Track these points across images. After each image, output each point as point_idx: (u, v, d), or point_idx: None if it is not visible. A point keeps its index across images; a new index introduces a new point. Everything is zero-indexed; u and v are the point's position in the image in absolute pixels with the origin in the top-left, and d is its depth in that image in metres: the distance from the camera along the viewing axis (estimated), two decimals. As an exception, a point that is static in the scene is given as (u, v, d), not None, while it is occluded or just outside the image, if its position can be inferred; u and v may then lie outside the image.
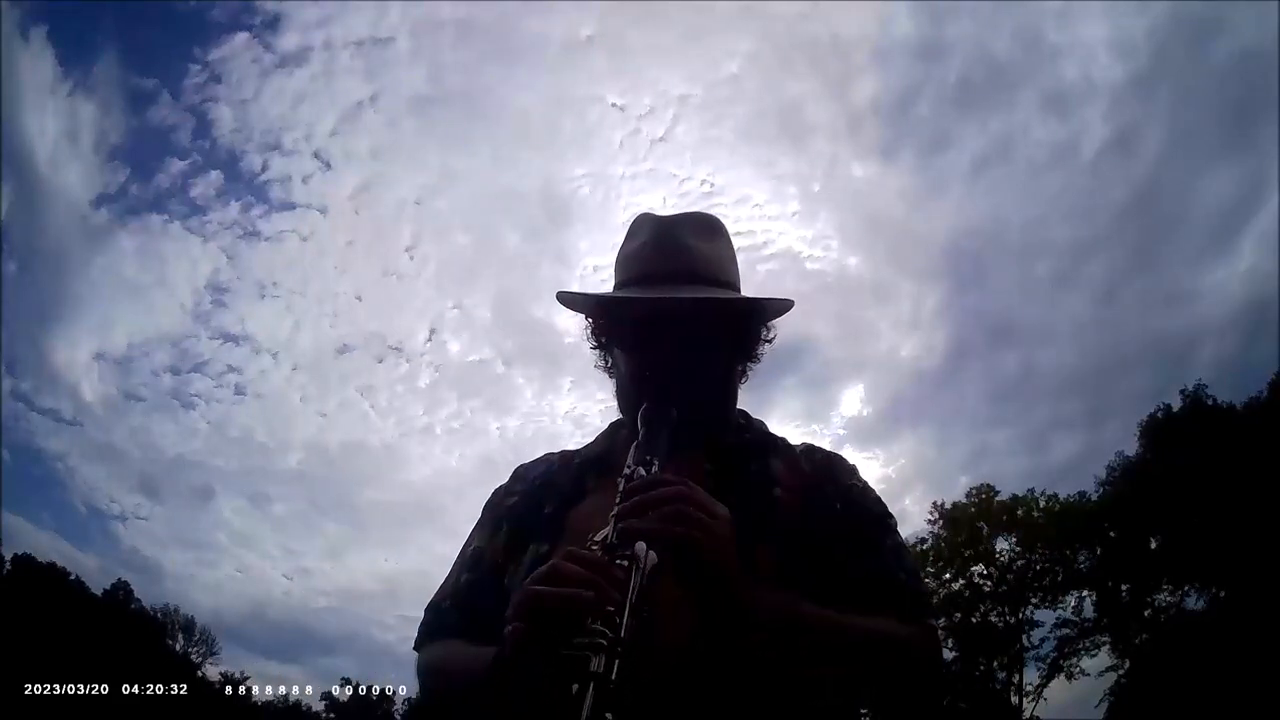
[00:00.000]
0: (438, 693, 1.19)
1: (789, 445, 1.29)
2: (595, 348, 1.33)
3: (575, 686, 0.76)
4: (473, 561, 1.25)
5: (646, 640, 0.83)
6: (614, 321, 1.26)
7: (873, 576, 1.13)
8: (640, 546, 0.89)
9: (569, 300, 1.29)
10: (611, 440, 1.30)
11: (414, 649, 1.24)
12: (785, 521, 1.11)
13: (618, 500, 0.96)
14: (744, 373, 1.30)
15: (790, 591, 1.02)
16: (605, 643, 0.78)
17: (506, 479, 1.35)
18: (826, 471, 1.24)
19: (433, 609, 1.26)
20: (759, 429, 1.31)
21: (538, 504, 1.23)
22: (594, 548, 0.92)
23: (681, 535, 0.89)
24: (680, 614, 0.93)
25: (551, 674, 0.79)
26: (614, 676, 0.76)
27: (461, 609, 1.21)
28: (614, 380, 1.30)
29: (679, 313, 1.16)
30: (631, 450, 1.07)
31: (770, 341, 1.29)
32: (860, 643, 1.04)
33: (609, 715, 0.73)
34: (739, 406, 1.32)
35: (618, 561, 0.88)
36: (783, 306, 1.26)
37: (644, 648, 0.82)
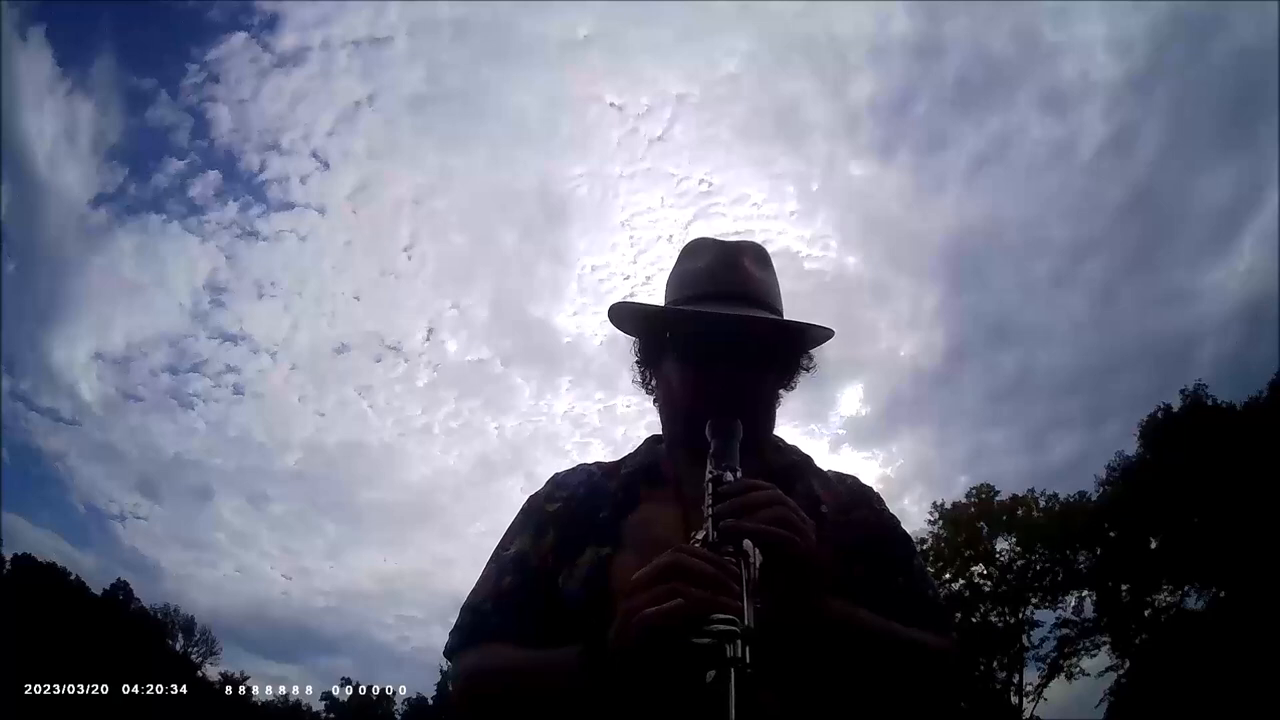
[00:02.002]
0: (504, 696, 1.13)
1: (820, 469, 1.35)
2: (641, 361, 1.35)
3: (711, 673, 0.79)
4: (516, 564, 1.23)
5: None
6: (675, 336, 1.27)
7: (907, 592, 1.20)
8: (747, 543, 0.93)
9: (625, 313, 1.32)
10: (653, 453, 1.33)
11: (448, 652, 1.21)
12: (834, 536, 1.14)
13: (708, 501, 1.00)
14: (779, 399, 1.34)
15: (850, 599, 1.06)
16: (739, 630, 0.81)
17: (543, 485, 1.35)
18: (860, 495, 1.32)
19: (471, 610, 1.22)
20: (796, 450, 1.36)
21: (588, 510, 1.23)
22: (696, 545, 0.95)
23: (784, 537, 0.94)
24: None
25: (682, 663, 0.81)
26: (749, 662, 0.79)
27: (505, 611, 1.19)
28: (659, 394, 1.34)
29: (746, 332, 1.21)
30: (709, 458, 1.10)
31: (810, 370, 1.34)
32: (912, 650, 1.11)
33: (750, 699, 0.77)
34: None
35: (725, 557, 0.92)
36: (826, 336, 1.31)
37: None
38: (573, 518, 1.24)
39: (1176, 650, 21.73)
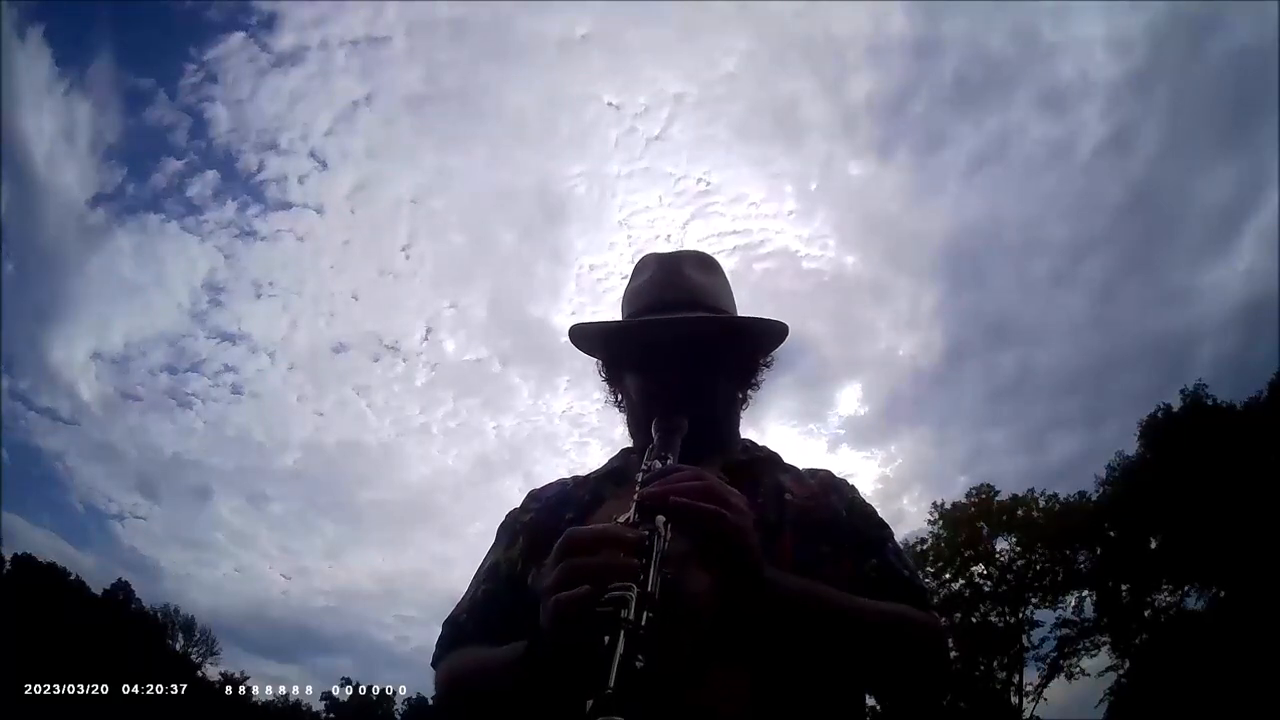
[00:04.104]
0: (467, 694, 1.20)
1: (791, 465, 1.36)
2: (606, 381, 1.41)
3: (608, 637, 0.80)
4: (488, 574, 1.29)
5: (673, 603, 0.88)
6: (622, 349, 1.35)
7: (880, 572, 1.20)
8: (659, 519, 0.95)
9: (581, 335, 1.37)
10: (625, 460, 1.36)
11: (432, 664, 1.26)
12: (798, 520, 1.18)
13: (637, 488, 1.02)
14: (744, 400, 1.38)
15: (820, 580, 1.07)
16: (634, 595, 0.83)
17: (520, 500, 1.39)
18: (830, 484, 1.32)
19: (450, 623, 1.28)
20: (765, 450, 1.37)
21: (557, 515, 1.27)
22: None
23: (700, 508, 0.95)
24: (705, 585, 0.99)
25: (589, 633, 0.83)
26: (643, 624, 0.81)
27: (479, 620, 1.24)
28: (625, 410, 1.38)
29: (679, 333, 1.25)
30: (646, 453, 1.15)
31: (768, 366, 1.38)
32: (881, 619, 1.10)
33: (640, 659, 0.77)
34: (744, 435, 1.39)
35: (642, 531, 0.93)
36: (777, 329, 1.32)
37: (671, 610, 0.87)
38: (543, 523, 1.28)
39: (1176, 650, 21.72)
